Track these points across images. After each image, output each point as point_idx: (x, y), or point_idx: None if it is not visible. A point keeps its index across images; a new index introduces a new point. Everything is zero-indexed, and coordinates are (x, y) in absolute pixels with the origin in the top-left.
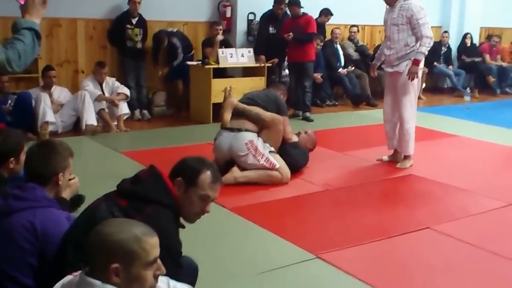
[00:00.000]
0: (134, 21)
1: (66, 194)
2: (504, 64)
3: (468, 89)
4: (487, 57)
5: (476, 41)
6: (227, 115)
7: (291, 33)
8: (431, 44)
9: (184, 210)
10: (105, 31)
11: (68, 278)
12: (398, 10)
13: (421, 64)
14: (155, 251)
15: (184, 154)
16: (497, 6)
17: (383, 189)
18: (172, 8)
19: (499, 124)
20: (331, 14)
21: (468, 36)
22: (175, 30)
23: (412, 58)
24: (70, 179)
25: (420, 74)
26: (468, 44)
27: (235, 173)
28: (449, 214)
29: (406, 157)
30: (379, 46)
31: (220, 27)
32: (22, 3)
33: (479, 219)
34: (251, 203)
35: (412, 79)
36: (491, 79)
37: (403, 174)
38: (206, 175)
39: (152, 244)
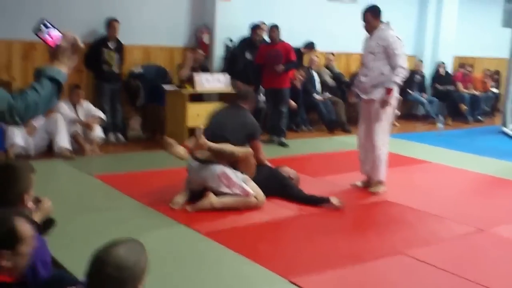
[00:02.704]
0: (111, 45)
1: (37, 217)
2: (477, 92)
3: (441, 116)
4: (460, 85)
5: (450, 69)
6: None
7: (282, 66)
8: (405, 74)
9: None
10: (81, 54)
11: None
12: (376, 39)
13: (396, 93)
14: None
15: (159, 178)
16: (469, 36)
17: (356, 214)
18: (150, 33)
19: (471, 151)
20: (315, 49)
21: (442, 65)
22: (141, 70)
23: (385, 87)
24: (40, 201)
25: (394, 102)
26: (442, 73)
27: (211, 199)
28: (422, 240)
29: (379, 182)
30: (355, 73)
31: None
32: (53, 46)
33: (451, 244)
34: (225, 228)
35: (383, 107)
36: (463, 107)
37: (376, 200)
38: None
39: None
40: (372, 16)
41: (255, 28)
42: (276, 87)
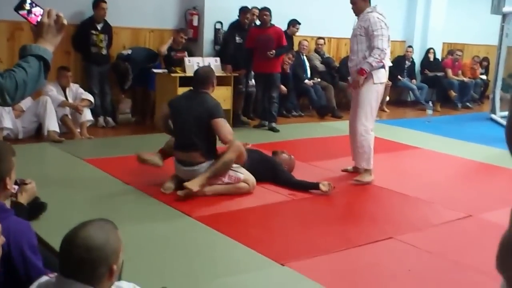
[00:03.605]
0: (99, 27)
1: (23, 199)
2: (466, 79)
3: (430, 102)
4: (449, 71)
5: (439, 56)
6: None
7: (273, 51)
8: (382, 56)
9: None
10: (68, 36)
11: (44, 278)
12: (360, 21)
13: (384, 78)
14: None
15: None
16: (459, 23)
17: (347, 199)
18: (138, 15)
19: (460, 137)
20: (299, 24)
21: (431, 51)
22: (129, 52)
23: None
24: (26, 184)
25: (380, 87)
26: (431, 59)
27: (203, 187)
28: (411, 225)
29: (366, 171)
30: (345, 58)
31: (183, 34)
32: (35, 23)
33: (440, 229)
34: (216, 212)
35: (354, 88)
36: (453, 93)
37: (366, 185)
38: None
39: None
40: None
41: (245, 11)
42: (267, 71)
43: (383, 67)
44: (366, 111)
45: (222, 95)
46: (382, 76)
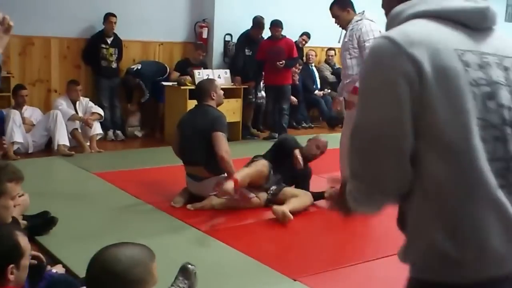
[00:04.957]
0: (109, 40)
1: (16, 212)
2: None
3: None
4: None
5: None
6: None
7: (283, 61)
8: None
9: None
10: (79, 50)
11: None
12: (349, 32)
13: None
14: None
15: (157, 175)
16: None
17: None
18: (148, 28)
19: None
20: (309, 37)
21: None
22: (139, 66)
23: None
24: (19, 196)
25: None
26: None
27: (213, 201)
28: None
29: None
30: None
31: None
32: None
33: None
34: (227, 226)
35: (349, 109)
36: None
37: None
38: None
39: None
40: (339, 8)
41: (259, 27)
42: (278, 84)
43: None
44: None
45: (231, 107)
46: None
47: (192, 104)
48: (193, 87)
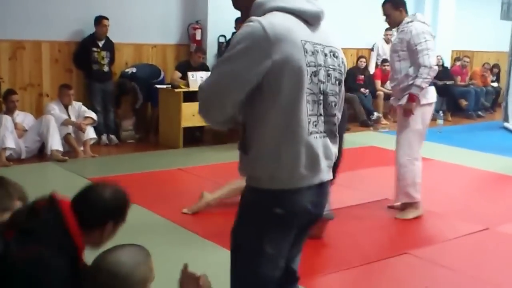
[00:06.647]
0: (100, 43)
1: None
2: (477, 87)
3: (441, 112)
4: (459, 79)
5: (448, 64)
6: None
7: None
8: (431, 75)
9: (98, 242)
10: (70, 54)
11: None
12: (399, 34)
13: (433, 98)
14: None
15: (152, 180)
16: (468, 30)
17: (360, 214)
18: (140, 30)
19: (472, 147)
20: None
21: (439, 58)
22: (134, 70)
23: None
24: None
25: (430, 109)
26: (440, 67)
27: (206, 198)
28: (426, 239)
29: (409, 205)
30: (351, 69)
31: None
32: None
33: (456, 244)
34: (224, 229)
35: (406, 117)
36: (464, 102)
37: (378, 199)
38: (129, 204)
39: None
40: (392, 7)
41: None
42: None
43: (431, 84)
44: (409, 138)
45: None
46: (430, 96)
47: (186, 106)
48: (186, 89)
